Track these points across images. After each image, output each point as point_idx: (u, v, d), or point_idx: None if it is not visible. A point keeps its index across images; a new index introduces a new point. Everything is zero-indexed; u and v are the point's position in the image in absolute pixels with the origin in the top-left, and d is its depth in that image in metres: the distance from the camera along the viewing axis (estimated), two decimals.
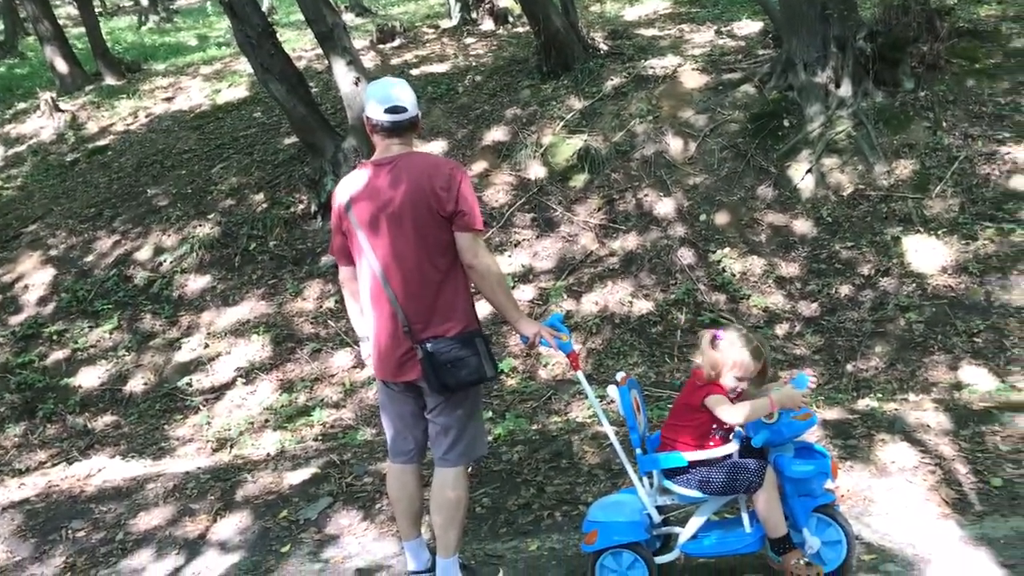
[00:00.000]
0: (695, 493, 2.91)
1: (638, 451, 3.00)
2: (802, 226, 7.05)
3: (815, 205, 7.15)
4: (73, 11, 30.96)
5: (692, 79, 8.85)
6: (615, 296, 6.92)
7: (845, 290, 6.41)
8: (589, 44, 9.92)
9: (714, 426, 2.93)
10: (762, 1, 9.22)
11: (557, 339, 3.02)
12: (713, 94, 8.55)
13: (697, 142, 8.06)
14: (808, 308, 6.42)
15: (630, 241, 7.44)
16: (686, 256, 7.08)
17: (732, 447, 2.93)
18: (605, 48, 9.99)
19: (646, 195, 7.80)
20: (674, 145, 8.13)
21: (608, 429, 3.10)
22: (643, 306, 6.76)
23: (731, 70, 8.85)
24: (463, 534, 3.18)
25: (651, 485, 3.07)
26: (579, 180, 8.17)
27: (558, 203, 8.02)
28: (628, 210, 7.74)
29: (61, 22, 16.45)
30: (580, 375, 3.11)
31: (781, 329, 6.31)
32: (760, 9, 9.75)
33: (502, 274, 2.98)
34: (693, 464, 2.90)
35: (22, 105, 14.52)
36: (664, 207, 7.61)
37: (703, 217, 7.38)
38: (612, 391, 3.00)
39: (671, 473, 2.94)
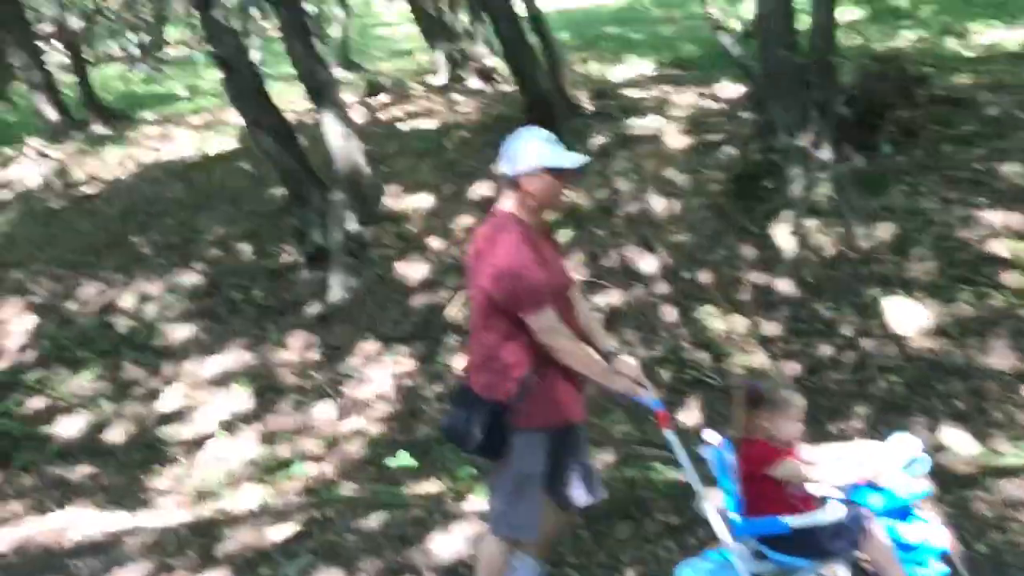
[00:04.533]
0: (793, 560, 2.81)
1: (734, 515, 2.89)
2: (784, 286, 7.13)
3: (797, 266, 7.24)
4: (64, 58, 31.23)
5: (675, 140, 9.02)
6: None
7: (827, 350, 6.47)
8: (575, 103, 10.10)
9: (786, 486, 2.85)
10: (743, 65, 9.44)
11: (648, 396, 2.99)
12: (696, 155, 8.70)
13: (680, 201, 8.18)
14: (791, 368, 6.47)
15: (614, 297, 7.50)
16: (670, 314, 7.14)
17: (837, 511, 2.82)
18: (590, 108, 10.17)
19: (630, 252, 7.88)
20: (657, 204, 8.24)
21: (700, 490, 2.98)
22: None
23: (714, 132, 9.03)
24: None
25: (745, 550, 2.95)
26: (564, 235, 8.25)
27: None
28: (612, 266, 7.81)
29: (51, 69, 16.53)
30: (670, 434, 3.00)
31: None
32: (742, 73, 9.97)
33: (567, 344, 2.90)
34: (795, 531, 2.79)
35: (8, 151, 14.53)
36: (648, 264, 7.69)
37: (686, 275, 7.46)
38: (705, 451, 2.93)
39: (769, 538, 2.83)
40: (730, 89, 10.60)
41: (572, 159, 2.97)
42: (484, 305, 3.01)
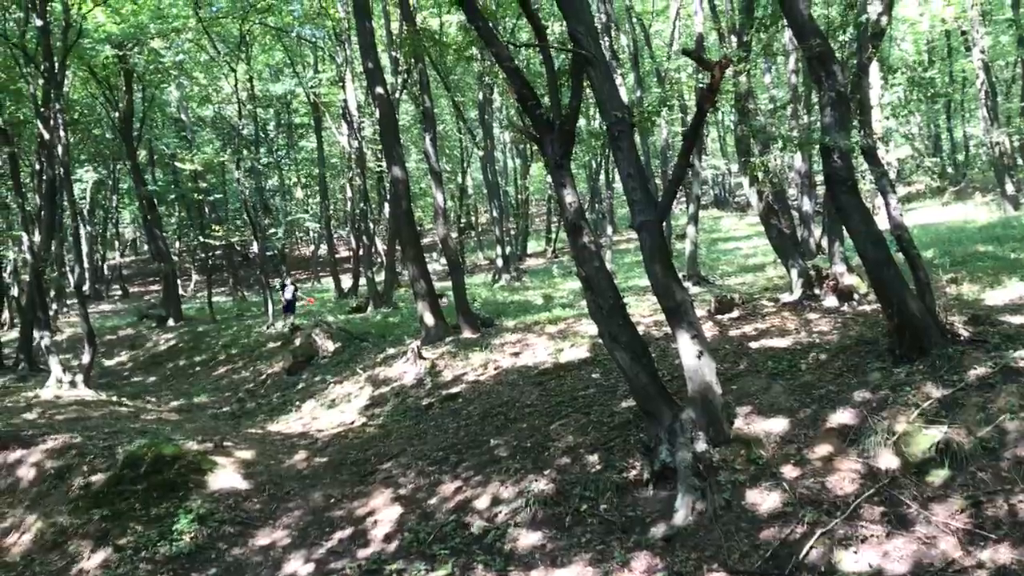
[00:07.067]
0: None
1: None
2: None
3: None
4: (439, 267, 35.34)
5: None
6: None
7: None
8: (947, 329, 9.36)
9: None
10: None
11: None
12: None
13: None
14: None
15: (1002, 554, 6.52)
16: None
17: None
18: (965, 334, 9.36)
19: (1021, 501, 6.89)
20: None
21: None
22: None
23: None
24: None
25: None
26: (938, 476, 7.45)
27: (912, 499, 7.33)
28: (999, 516, 6.86)
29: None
30: None
31: None
32: None
33: None
34: None
35: (391, 350, 16.41)
36: None
37: None
38: None
39: None
40: None
41: None
42: None
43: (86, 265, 42.91)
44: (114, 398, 18.04)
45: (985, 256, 16.05)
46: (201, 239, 33.55)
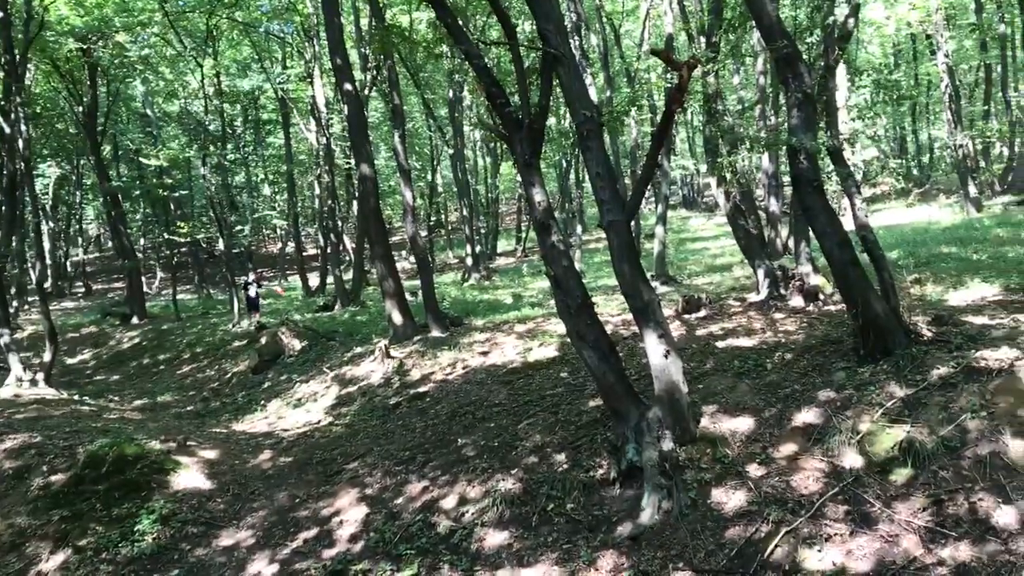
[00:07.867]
0: None
1: None
2: None
3: None
4: (408, 265, 35.20)
5: None
6: None
7: None
8: (911, 329, 9.47)
9: None
10: None
11: None
12: None
13: None
14: None
15: (962, 551, 6.59)
16: None
17: None
18: (929, 334, 9.47)
19: (981, 499, 6.97)
20: (1014, 447, 7.30)
21: None
22: None
23: None
24: None
25: None
26: (901, 474, 7.53)
27: (876, 497, 7.39)
28: (960, 514, 6.93)
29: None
30: None
31: None
32: None
33: None
34: None
35: (358, 349, 16.30)
36: (1004, 516, 6.73)
37: None
38: None
39: None
40: None
41: None
42: None
43: (48, 261, 42.17)
44: (76, 397, 17.76)
45: (948, 257, 16.28)
46: (166, 236, 33.12)
